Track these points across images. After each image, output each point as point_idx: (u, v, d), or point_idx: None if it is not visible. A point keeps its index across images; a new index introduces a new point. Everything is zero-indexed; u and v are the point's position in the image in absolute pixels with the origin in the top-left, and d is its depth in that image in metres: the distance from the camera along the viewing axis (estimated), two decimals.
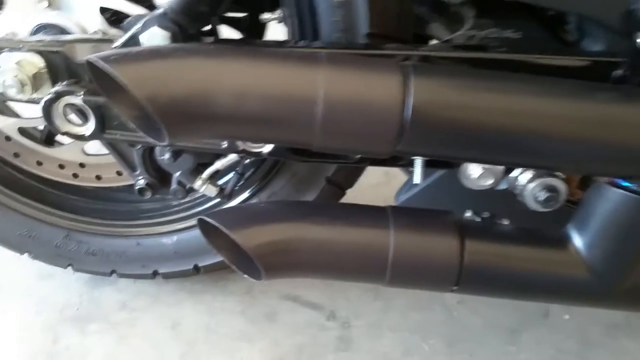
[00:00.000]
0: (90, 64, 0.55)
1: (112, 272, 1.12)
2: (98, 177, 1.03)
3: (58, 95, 0.73)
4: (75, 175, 1.04)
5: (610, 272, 0.62)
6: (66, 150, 1.02)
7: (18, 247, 1.12)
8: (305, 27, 0.80)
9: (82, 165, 1.02)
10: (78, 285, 1.22)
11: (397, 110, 0.56)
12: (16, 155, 1.05)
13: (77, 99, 0.72)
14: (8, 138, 1.04)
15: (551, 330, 1.13)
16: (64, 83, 0.74)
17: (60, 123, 0.75)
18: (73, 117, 0.77)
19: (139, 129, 0.59)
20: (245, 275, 0.73)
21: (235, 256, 0.72)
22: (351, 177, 1.00)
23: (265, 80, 0.55)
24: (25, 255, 1.13)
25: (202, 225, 0.70)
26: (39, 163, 1.03)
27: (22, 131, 1.03)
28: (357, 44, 0.75)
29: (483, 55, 0.68)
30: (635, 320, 1.12)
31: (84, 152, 1.02)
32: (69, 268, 1.13)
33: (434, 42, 0.95)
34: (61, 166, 1.03)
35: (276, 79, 0.56)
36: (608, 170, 0.59)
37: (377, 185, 1.42)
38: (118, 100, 0.58)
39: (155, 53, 0.54)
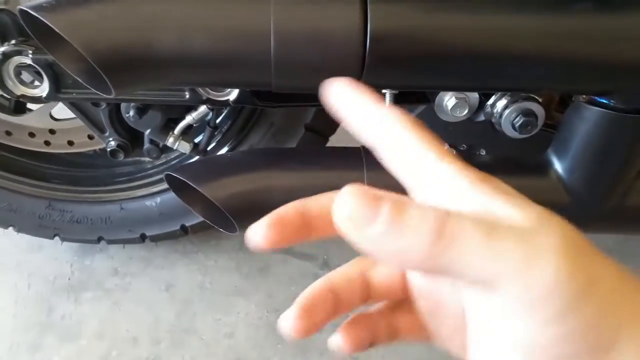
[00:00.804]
0: (23, 13, 0.51)
1: (100, 238, 1.11)
2: (70, 143, 1.00)
3: (6, 56, 0.69)
4: (47, 143, 1.00)
5: (592, 195, 0.60)
6: (33, 117, 0.98)
7: (1, 221, 1.10)
8: None
9: (52, 131, 0.99)
10: (68, 255, 1.21)
11: (356, 38, 0.52)
12: None
13: (27, 59, 0.68)
14: None
15: None
16: (12, 42, 0.70)
17: (13, 86, 0.71)
18: (26, 78, 0.73)
19: (85, 83, 0.56)
20: (221, 230, 0.71)
21: (209, 211, 0.69)
22: (332, 122, 0.96)
23: (211, 14, 0.51)
24: (10, 229, 1.11)
25: (171, 181, 0.68)
26: (8, 133, 0.99)
27: None
28: None
29: None
30: (631, 243, 1.10)
31: (52, 118, 0.99)
32: (56, 238, 1.12)
33: None
34: (31, 134, 1.00)
35: (222, 12, 0.52)
36: (583, 87, 0.55)
37: None
38: (61, 53, 0.54)
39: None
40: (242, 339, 1.06)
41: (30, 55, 0.68)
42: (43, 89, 0.71)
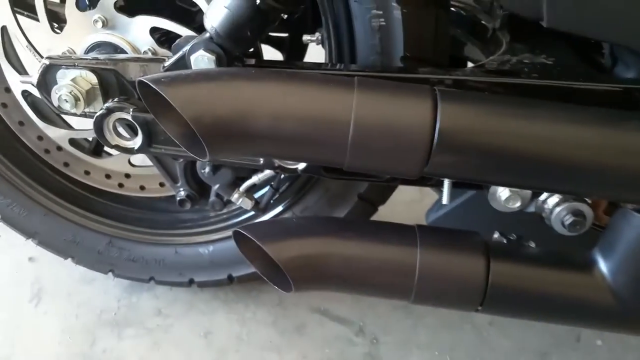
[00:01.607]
0: (141, 84, 0.59)
1: (151, 278, 1.17)
2: (142, 188, 1.08)
3: (109, 111, 0.78)
4: (120, 185, 1.09)
5: (636, 299, 0.63)
6: (113, 161, 1.08)
7: (63, 251, 1.18)
8: (343, 49, 0.83)
9: (127, 175, 1.08)
10: (117, 291, 1.27)
11: (424, 134, 0.58)
12: (66, 164, 1.12)
13: (127, 115, 0.77)
14: (59, 148, 1.11)
15: (582, 356, 1.12)
16: (115, 100, 0.79)
17: (110, 137, 0.80)
18: (122, 131, 0.82)
19: (182, 146, 0.64)
20: (276, 287, 0.76)
21: (267, 268, 0.75)
22: (383, 194, 1.02)
23: (301, 104, 0.59)
24: (69, 259, 1.19)
25: (237, 236, 0.74)
26: (87, 172, 1.09)
27: (72, 142, 1.10)
28: (392, 67, 0.78)
29: (515, 80, 0.69)
30: None
31: (130, 164, 1.08)
32: (110, 273, 1.19)
33: (469, 65, 0.98)
34: (107, 176, 1.09)
35: (311, 103, 0.59)
36: (632, 197, 0.59)
37: (410, 202, 1.43)
38: (164, 118, 0.62)
39: (201, 77, 0.58)
40: None
41: (131, 113, 0.77)
42: (136, 142, 0.79)
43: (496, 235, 0.73)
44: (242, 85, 0.59)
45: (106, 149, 1.09)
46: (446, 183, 0.67)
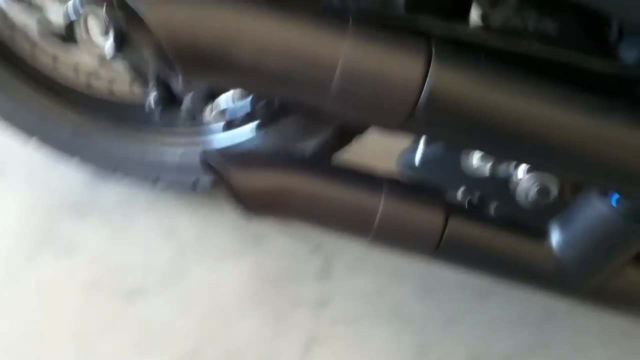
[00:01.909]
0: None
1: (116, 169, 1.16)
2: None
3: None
4: None
5: (577, 273, 0.66)
6: None
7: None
8: None
9: None
10: (81, 178, 1.27)
11: (412, 93, 0.56)
12: None
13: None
14: None
15: (518, 298, 1.19)
16: None
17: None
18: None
19: (157, 61, 0.60)
20: (239, 209, 0.76)
21: (230, 190, 0.75)
22: (359, 131, 1.00)
23: (288, 40, 0.55)
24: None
25: (204, 157, 0.73)
26: None
27: None
28: (391, 13, 0.73)
29: (516, 47, 0.66)
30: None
31: None
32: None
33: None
34: None
35: (299, 41, 0.56)
36: (600, 182, 0.60)
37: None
38: (140, 32, 0.58)
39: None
40: (228, 292, 1.13)
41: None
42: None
43: (461, 190, 0.74)
44: (228, 12, 0.54)
45: None
46: (421, 144, 0.66)
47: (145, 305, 1.11)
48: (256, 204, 0.69)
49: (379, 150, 1.08)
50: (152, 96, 0.91)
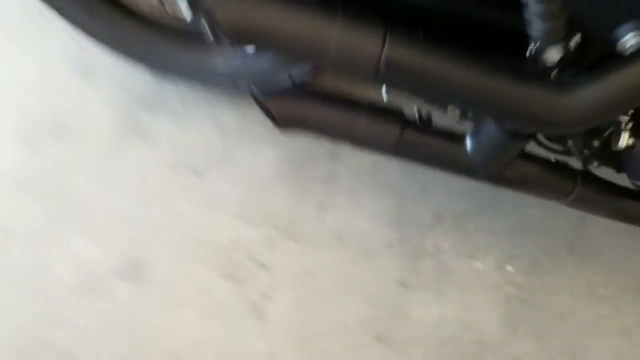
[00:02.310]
0: None
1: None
2: None
3: None
4: None
5: (482, 168, 1.07)
6: None
7: None
8: None
9: None
10: (150, 79, 1.61)
11: (375, 60, 0.93)
12: None
13: None
14: None
15: None
16: None
17: None
18: None
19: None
20: (270, 120, 1.16)
21: (266, 112, 1.14)
22: None
23: (299, 27, 0.91)
24: None
25: (250, 89, 1.12)
26: None
27: None
28: None
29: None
30: None
31: None
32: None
33: None
34: None
35: (306, 28, 0.92)
36: (491, 114, 0.98)
37: None
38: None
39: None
40: (264, 169, 1.58)
41: None
42: None
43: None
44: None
45: None
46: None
47: (207, 179, 1.57)
48: (282, 122, 1.09)
49: None
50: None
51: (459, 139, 1.09)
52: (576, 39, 0.94)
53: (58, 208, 1.53)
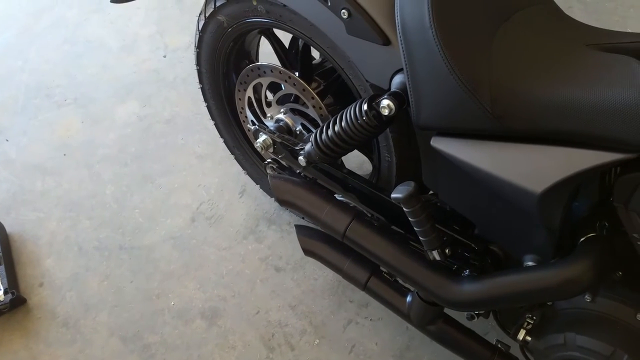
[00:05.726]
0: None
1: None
2: None
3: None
4: None
5: (414, 319, 1.63)
6: None
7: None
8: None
9: None
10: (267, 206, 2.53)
11: (342, 230, 1.62)
12: None
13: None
14: None
15: None
16: None
17: None
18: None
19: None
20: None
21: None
22: None
23: (320, 207, 1.67)
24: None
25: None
26: None
27: None
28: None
29: None
30: None
31: None
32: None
33: None
34: None
35: (325, 213, 1.66)
36: None
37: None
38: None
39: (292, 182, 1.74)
40: None
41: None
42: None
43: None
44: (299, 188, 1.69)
45: None
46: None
47: (282, 275, 2.33)
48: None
49: None
50: None
51: (404, 292, 1.68)
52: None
53: (191, 258, 2.46)
